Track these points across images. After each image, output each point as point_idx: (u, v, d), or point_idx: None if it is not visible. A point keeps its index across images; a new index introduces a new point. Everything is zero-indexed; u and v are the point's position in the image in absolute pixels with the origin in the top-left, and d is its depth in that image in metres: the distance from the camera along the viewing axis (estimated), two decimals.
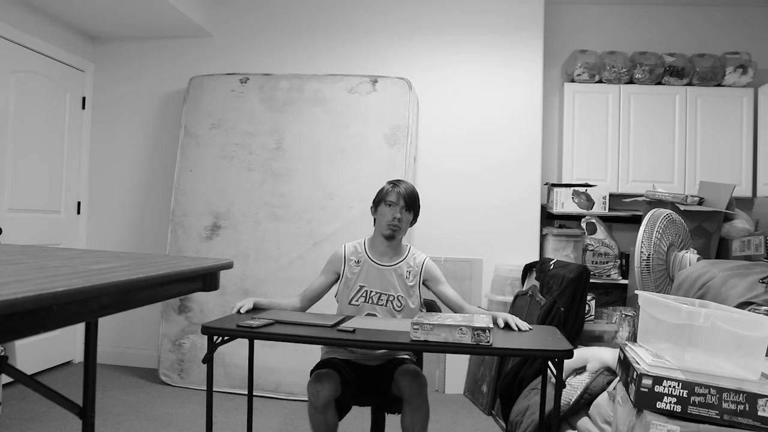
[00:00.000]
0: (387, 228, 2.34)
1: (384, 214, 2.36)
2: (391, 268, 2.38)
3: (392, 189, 2.38)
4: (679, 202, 3.07)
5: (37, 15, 3.75)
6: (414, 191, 2.42)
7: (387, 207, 2.36)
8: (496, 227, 3.91)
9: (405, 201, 2.35)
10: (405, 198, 2.36)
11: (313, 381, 2.09)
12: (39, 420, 2.98)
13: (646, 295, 1.80)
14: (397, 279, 2.37)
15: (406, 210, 2.37)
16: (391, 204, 2.35)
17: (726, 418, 1.37)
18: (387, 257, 2.40)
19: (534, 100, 3.94)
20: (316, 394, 2.04)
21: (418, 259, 2.44)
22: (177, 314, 3.72)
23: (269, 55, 4.15)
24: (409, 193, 2.38)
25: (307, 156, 3.74)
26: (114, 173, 4.27)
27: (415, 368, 2.15)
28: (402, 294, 2.36)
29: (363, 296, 2.35)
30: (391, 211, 2.34)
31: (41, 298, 0.83)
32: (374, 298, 2.34)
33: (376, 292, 2.35)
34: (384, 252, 2.40)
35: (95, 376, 1.66)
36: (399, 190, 2.37)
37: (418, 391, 2.08)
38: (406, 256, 2.43)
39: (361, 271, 2.37)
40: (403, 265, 2.40)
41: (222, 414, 3.21)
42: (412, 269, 2.40)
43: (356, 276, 2.37)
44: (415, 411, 2.08)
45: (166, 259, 1.40)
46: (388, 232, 2.35)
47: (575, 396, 2.32)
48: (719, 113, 3.88)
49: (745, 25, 4.20)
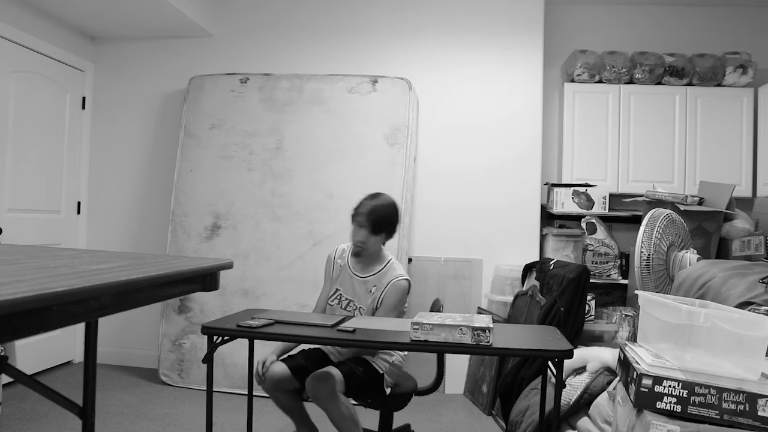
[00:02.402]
0: (354, 246, 2.41)
1: (353, 232, 2.40)
2: (361, 280, 2.44)
3: (357, 209, 2.37)
4: (679, 202, 3.06)
5: (37, 15, 3.75)
6: (379, 211, 2.34)
7: (354, 225, 2.39)
8: (496, 227, 3.91)
9: (368, 221, 2.34)
10: (367, 218, 2.34)
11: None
12: (39, 420, 2.98)
13: (646, 295, 1.80)
14: (364, 292, 2.42)
15: (371, 232, 2.35)
16: (354, 224, 2.38)
17: (726, 418, 1.37)
18: (360, 267, 2.46)
19: (534, 100, 3.94)
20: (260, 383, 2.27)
21: (387, 278, 2.40)
22: (177, 314, 3.72)
23: (269, 55, 4.15)
24: (373, 214, 2.33)
25: (307, 156, 3.74)
26: (114, 173, 4.27)
27: (314, 374, 2.16)
28: (363, 306, 2.40)
29: (336, 299, 2.44)
30: (353, 231, 2.38)
31: (41, 298, 0.83)
32: (344, 303, 2.43)
33: (346, 297, 2.43)
34: (361, 262, 2.46)
35: (95, 376, 1.66)
36: (362, 209, 2.35)
37: (315, 396, 2.13)
38: (378, 271, 2.43)
39: (340, 275, 2.46)
40: (372, 279, 2.42)
41: (222, 414, 3.21)
42: (376, 287, 2.40)
43: (336, 278, 2.46)
44: (325, 411, 2.14)
45: (166, 259, 1.40)
46: (355, 249, 2.42)
47: (575, 396, 2.32)
48: (719, 113, 3.88)
49: (745, 25, 4.20)
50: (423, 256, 3.91)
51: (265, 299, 3.61)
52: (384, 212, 2.37)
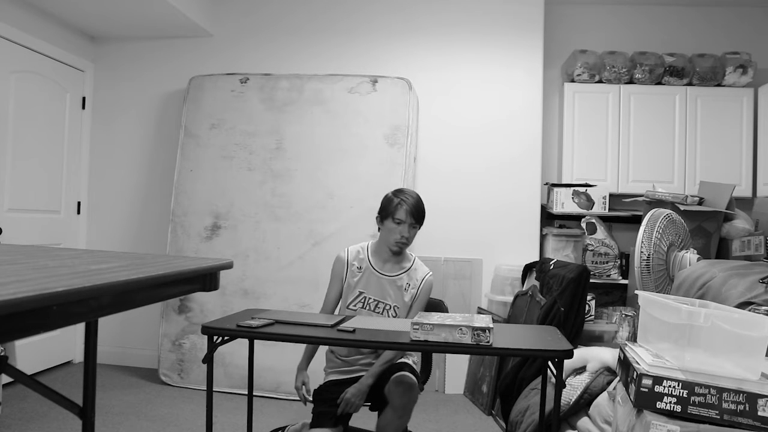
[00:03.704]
0: (395, 245, 2.31)
1: (391, 230, 2.30)
2: (391, 279, 2.37)
3: (400, 206, 2.29)
4: (679, 202, 3.06)
5: (37, 15, 3.75)
6: (421, 204, 2.34)
7: (395, 224, 2.29)
8: (496, 227, 3.91)
9: (414, 218, 2.29)
10: (414, 215, 2.29)
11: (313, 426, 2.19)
12: (39, 420, 2.98)
13: (646, 295, 1.80)
14: (395, 290, 2.37)
15: (413, 226, 2.32)
16: (399, 222, 2.29)
17: (726, 418, 1.37)
18: (389, 267, 2.38)
19: (534, 100, 3.94)
20: None
21: (419, 274, 2.39)
22: (177, 314, 3.72)
23: (269, 55, 4.15)
24: (417, 209, 2.31)
25: (307, 156, 3.74)
26: (114, 173, 4.27)
27: (411, 381, 2.15)
28: (398, 305, 2.36)
29: (361, 302, 2.36)
30: (399, 229, 2.29)
31: (41, 298, 0.83)
32: (371, 304, 2.35)
33: (374, 299, 2.35)
34: (387, 261, 2.38)
35: (95, 376, 1.66)
36: (407, 207, 2.28)
37: (406, 404, 2.11)
38: (408, 268, 2.39)
39: (362, 277, 2.37)
40: (404, 277, 2.38)
41: (222, 414, 3.21)
42: (411, 284, 2.37)
43: (357, 281, 2.37)
44: (397, 418, 2.12)
45: (166, 259, 1.40)
46: (395, 248, 2.32)
47: (575, 396, 2.32)
48: (719, 113, 3.88)
49: (745, 25, 4.20)
50: (423, 256, 3.90)
51: (265, 299, 3.61)
52: (423, 206, 2.36)
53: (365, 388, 2.20)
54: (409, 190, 2.39)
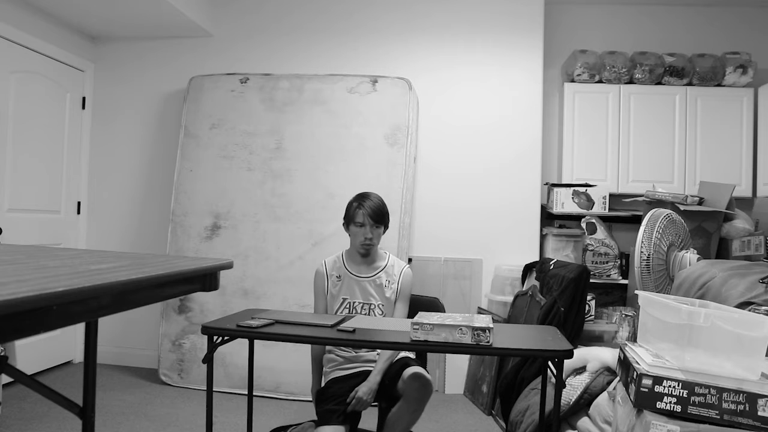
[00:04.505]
0: (361, 247, 2.42)
1: (356, 233, 2.42)
2: (370, 279, 2.45)
3: (358, 209, 2.40)
4: (679, 202, 3.06)
5: (37, 15, 3.75)
6: (380, 205, 2.43)
7: (357, 227, 2.41)
8: (496, 227, 3.91)
9: (372, 219, 2.39)
10: (372, 216, 2.39)
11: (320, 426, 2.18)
12: (39, 420, 2.98)
13: (646, 295, 1.80)
14: (376, 289, 2.44)
15: (375, 227, 2.41)
16: (360, 225, 2.39)
17: (726, 418, 1.37)
18: (365, 269, 2.47)
19: (534, 100, 3.94)
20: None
21: (397, 270, 2.48)
22: (177, 314, 3.72)
23: (269, 55, 4.15)
24: (375, 210, 2.40)
25: (307, 156, 3.74)
26: (114, 173, 4.27)
27: (428, 376, 2.20)
28: (382, 302, 2.43)
29: (347, 308, 2.42)
30: (362, 232, 2.39)
31: (41, 298, 0.83)
32: (358, 307, 2.42)
33: (359, 302, 2.43)
34: (361, 264, 2.47)
35: (95, 376, 1.66)
36: (365, 210, 2.39)
37: (422, 398, 2.15)
38: (384, 266, 2.48)
39: (343, 285, 2.45)
40: (382, 275, 2.46)
41: (222, 414, 3.21)
42: (390, 281, 2.46)
43: (339, 290, 2.45)
44: (410, 413, 2.16)
45: (166, 259, 1.40)
46: (362, 251, 2.43)
47: (575, 396, 2.32)
48: (719, 113, 3.88)
49: (745, 25, 4.20)
50: (423, 256, 3.91)
51: (265, 299, 3.61)
52: (385, 207, 2.46)
53: (376, 386, 2.24)
54: (370, 193, 2.47)
